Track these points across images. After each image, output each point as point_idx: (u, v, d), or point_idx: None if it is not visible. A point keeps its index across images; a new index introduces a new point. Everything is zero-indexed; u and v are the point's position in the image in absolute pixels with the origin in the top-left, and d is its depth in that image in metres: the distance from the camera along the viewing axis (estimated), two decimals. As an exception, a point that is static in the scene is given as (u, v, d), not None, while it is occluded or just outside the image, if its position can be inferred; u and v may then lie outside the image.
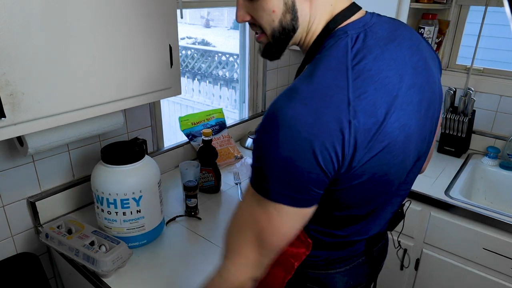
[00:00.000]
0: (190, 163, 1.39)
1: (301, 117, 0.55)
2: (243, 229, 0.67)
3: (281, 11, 0.65)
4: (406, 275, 1.65)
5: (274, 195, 0.60)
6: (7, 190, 1.13)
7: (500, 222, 1.34)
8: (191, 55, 3.88)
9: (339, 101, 0.56)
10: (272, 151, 0.57)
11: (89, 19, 0.87)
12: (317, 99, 0.56)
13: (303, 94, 0.57)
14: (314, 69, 0.59)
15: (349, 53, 0.60)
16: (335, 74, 0.58)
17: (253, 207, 0.64)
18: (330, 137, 0.55)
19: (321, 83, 0.57)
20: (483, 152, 1.85)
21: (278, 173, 0.58)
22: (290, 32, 0.67)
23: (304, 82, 0.58)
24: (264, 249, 0.66)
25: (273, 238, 0.65)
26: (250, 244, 0.66)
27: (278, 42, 0.70)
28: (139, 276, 1.02)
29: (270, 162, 0.58)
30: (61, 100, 0.87)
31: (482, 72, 1.80)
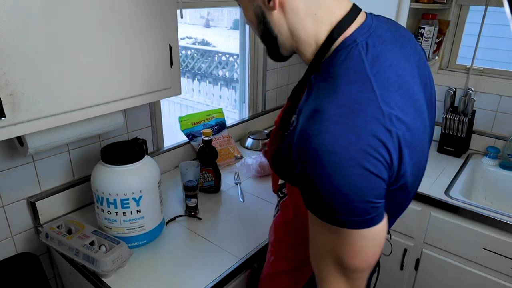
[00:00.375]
0: (190, 163, 1.39)
1: (342, 139, 0.53)
2: (322, 257, 0.64)
3: (256, 22, 0.69)
4: (406, 275, 1.65)
5: (344, 223, 0.57)
6: (7, 190, 1.13)
7: (500, 222, 1.34)
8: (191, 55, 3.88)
9: (374, 113, 0.55)
10: (326, 183, 0.54)
11: (89, 19, 0.87)
12: (352, 116, 0.54)
13: (334, 114, 0.54)
14: (335, 85, 0.57)
15: (365, 63, 0.59)
16: (360, 87, 0.56)
17: (323, 235, 0.62)
18: (376, 148, 0.54)
19: (350, 98, 0.55)
20: (483, 152, 1.85)
21: (341, 202, 0.55)
22: (272, 40, 0.69)
23: (330, 101, 0.56)
24: (351, 273, 0.62)
25: (356, 261, 0.61)
26: (335, 271, 0.63)
27: (268, 47, 0.72)
28: (139, 276, 1.02)
29: (328, 193, 0.55)
30: (61, 100, 0.87)
31: (482, 72, 1.81)
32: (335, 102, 0.55)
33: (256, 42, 1.89)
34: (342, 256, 0.61)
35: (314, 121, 0.55)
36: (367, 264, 0.62)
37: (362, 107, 0.54)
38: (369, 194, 0.55)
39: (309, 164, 0.55)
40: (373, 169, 0.54)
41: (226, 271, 1.04)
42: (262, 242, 1.15)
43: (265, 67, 1.96)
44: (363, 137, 0.53)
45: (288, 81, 2.18)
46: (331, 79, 0.58)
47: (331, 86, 0.57)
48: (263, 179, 1.54)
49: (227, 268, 1.05)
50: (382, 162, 0.55)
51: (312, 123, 0.56)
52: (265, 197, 1.41)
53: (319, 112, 0.55)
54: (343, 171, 0.53)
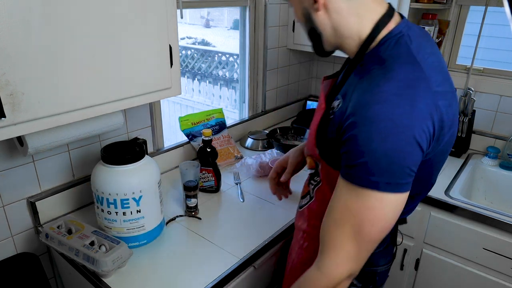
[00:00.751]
0: (190, 163, 1.39)
1: (398, 108, 0.64)
2: (340, 224, 0.71)
3: (304, 21, 0.81)
4: (406, 275, 1.65)
5: (381, 186, 0.66)
6: (7, 190, 1.13)
7: (500, 222, 1.34)
8: (191, 55, 3.88)
9: (425, 89, 0.66)
10: (377, 146, 0.64)
11: (89, 19, 0.87)
12: (408, 90, 0.65)
13: (393, 87, 0.65)
14: (390, 66, 0.68)
15: (412, 50, 0.69)
16: (412, 67, 0.67)
17: (350, 201, 0.69)
18: (425, 120, 0.65)
19: (405, 76, 0.66)
20: (483, 152, 1.85)
21: (385, 164, 0.65)
22: (317, 37, 0.80)
23: (388, 78, 0.66)
24: (363, 242, 0.70)
25: (372, 229, 0.69)
26: (348, 238, 0.70)
27: (313, 43, 0.83)
28: (139, 276, 1.02)
29: (376, 156, 0.64)
30: (61, 100, 0.87)
31: (482, 72, 1.81)
32: (393, 78, 0.66)
33: (256, 42, 1.89)
34: (362, 223, 0.69)
35: (372, 93, 0.66)
36: (379, 236, 0.71)
37: (416, 83, 0.66)
38: (409, 160, 0.65)
39: (364, 129, 0.65)
40: (418, 138, 0.64)
41: (226, 271, 1.04)
42: (262, 242, 1.15)
43: (265, 67, 1.96)
44: (417, 109, 0.64)
45: (288, 81, 2.18)
46: (385, 62, 0.69)
47: (386, 67, 0.68)
48: (263, 179, 1.54)
49: (227, 268, 1.05)
50: (426, 134, 0.65)
51: (370, 95, 0.66)
52: (265, 197, 1.41)
53: (378, 86, 0.66)
54: (394, 137, 0.63)
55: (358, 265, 0.74)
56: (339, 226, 0.71)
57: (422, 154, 0.67)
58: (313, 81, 2.38)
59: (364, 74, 0.72)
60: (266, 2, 1.82)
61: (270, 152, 1.64)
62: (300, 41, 1.98)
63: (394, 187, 0.66)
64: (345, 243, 0.71)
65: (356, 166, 0.67)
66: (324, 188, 0.89)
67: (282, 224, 1.25)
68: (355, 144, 0.67)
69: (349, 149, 0.68)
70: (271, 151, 1.65)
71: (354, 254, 0.71)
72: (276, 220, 1.27)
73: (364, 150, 0.65)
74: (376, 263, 0.91)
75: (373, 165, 0.65)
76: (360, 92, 0.70)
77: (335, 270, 0.73)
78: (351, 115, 0.68)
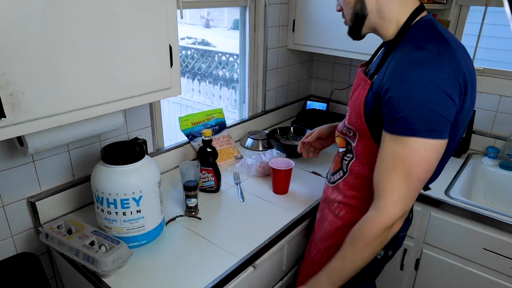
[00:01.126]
0: (190, 163, 1.39)
1: (431, 69, 0.81)
2: (392, 170, 0.86)
3: (354, 2, 0.95)
4: (406, 275, 1.65)
5: (423, 132, 0.81)
6: (7, 190, 1.13)
7: (500, 222, 1.34)
8: (191, 55, 3.88)
9: (451, 57, 0.83)
10: (417, 99, 0.80)
11: (89, 19, 0.87)
12: (438, 57, 0.82)
13: (425, 56, 0.82)
14: (423, 41, 0.85)
15: (440, 30, 0.88)
16: (440, 42, 0.85)
17: (398, 150, 0.85)
18: (452, 80, 0.81)
19: (436, 47, 0.83)
20: (483, 152, 1.85)
21: (424, 115, 0.80)
22: (361, 18, 0.96)
23: (419, 50, 0.84)
24: (412, 182, 0.85)
25: (419, 170, 0.84)
26: (400, 180, 0.85)
27: (355, 25, 0.98)
28: (139, 276, 1.02)
29: (416, 107, 0.80)
30: (61, 100, 0.87)
31: (482, 72, 1.80)
32: (425, 48, 0.83)
33: (256, 42, 1.89)
34: (411, 165, 0.84)
35: (408, 60, 0.83)
36: (426, 175, 0.86)
37: (444, 52, 0.83)
38: (444, 110, 0.81)
39: (404, 87, 0.82)
40: (449, 93, 0.81)
41: (226, 271, 1.04)
42: (262, 242, 1.15)
43: (265, 67, 1.96)
44: (445, 71, 0.81)
45: (288, 81, 2.18)
46: (418, 38, 0.87)
47: (419, 41, 0.85)
48: (263, 179, 1.54)
49: (227, 268, 1.05)
50: (455, 90, 0.82)
51: (406, 61, 0.84)
52: (265, 197, 1.41)
53: (412, 53, 0.84)
54: (430, 91, 0.80)
55: (409, 204, 0.89)
56: (391, 172, 0.86)
57: (455, 107, 0.83)
58: (313, 81, 2.38)
59: (399, 50, 0.88)
60: (266, 2, 1.82)
61: (270, 152, 1.64)
62: (300, 41, 1.98)
63: (434, 134, 0.81)
64: (398, 185, 0.86)
65: (400, 119, 0.82)
66: (356, 163, 1.04)
67: (282, 224, 1.25)
68: (398, 100, 0.82)
69: (392, 105, 0.84)
70: (271, 151, 1.65)
71: (406, 194, 0.86)
72: (276, 220, 1.27)
73: (406, 104, 0.81)
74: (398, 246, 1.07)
75: (414, 116, 0.81)
76: (396, 62, 0.86)
77: (392, 208, 0.87)
78: (390, 79, 0.85)
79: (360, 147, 1.02)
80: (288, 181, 1.44)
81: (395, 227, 0.90)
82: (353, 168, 1.05)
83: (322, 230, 1.16)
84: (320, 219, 1.19)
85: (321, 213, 1.19)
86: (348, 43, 1.85)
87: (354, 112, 1.00)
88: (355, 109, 0.99)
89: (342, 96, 2.27)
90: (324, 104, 2.20)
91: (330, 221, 1.13)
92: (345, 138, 1.09)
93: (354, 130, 1.02)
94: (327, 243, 1.12)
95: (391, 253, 1.12)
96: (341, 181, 1.09)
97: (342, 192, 1.09)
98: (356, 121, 0.99)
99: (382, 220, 0.88)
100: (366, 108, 0.95)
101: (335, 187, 1.12)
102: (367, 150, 1.00)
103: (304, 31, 1.94)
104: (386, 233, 0.90)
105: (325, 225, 1.14)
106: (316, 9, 1.85)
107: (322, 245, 1.15)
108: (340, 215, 1.09)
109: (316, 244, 1.18)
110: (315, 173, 1.61)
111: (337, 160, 1.13)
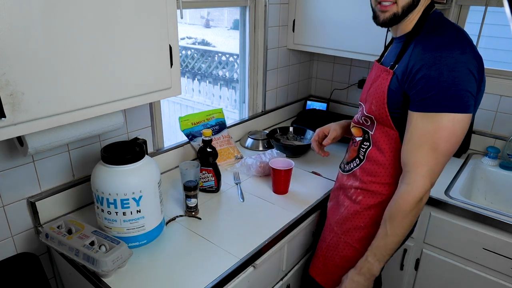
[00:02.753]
0: (190, 163, 1.39)
1: (455, 50, 0.90)
2: (420, 146, 0.94)
3: None
4: (406, 275, 1.65)
5: (452, 108, 0.89)
6: (7, 190, 1.13)
7: (500, 222, 1.34)
8: (191, 55, 3.88)
9: (469, 42, 0.94)
10: (446, 77, 0.89)
11: (89, 19, 0.87)
12: (458, 40, 0.93)
13: (448, 39, 0.92)
14: (440, 28, 0.96)
15: (452, 21, 0.99)
16: (457, 29, 0.96)
17: (426, 127, 0.93)
18: (472, 60, 0.91)
19: (454, 33, 0.94)
20: (483, 152, 1.85)
21: (453, 91, 0.89)
22: (413, 8, 1.00)
23: (442, 35, 0.94)
24: (440, 156, 0.94)
25: (447, 144, 0.92)
26: (428, 155, 0.94)
27: (404, 13, 1.01)
28: (139, 276, 1.02)
29: (445, 84, 0.89)
30: (61, 100, 0.87)
31: (482, 72, 1.80)
32: (446, 33, 0.94)
33: (256, 42, 1.89)
34: (438, 141, 0.92)
35: (433, 44, 0.93)
36: (453, 149, 0.94)
37: (463, 38, 0.94)
38: (469, 86, 0.90)
39: (434, 67, 0.90)
40: (472, 70, 0.90)
41: (226, 271, 1.04)
42: (262, 242, 1.15)
43: (265, 67, 1.96)
44: (467, 51, 0.91)
45: (288, 81, 2.18)
46: (436, 26, 0.98)
47: (439, 29, 0.96)
48: (263, 179, 1.54)
49: (227, 268, 1.05)
50: (475, 69, 0.91)
51: (432, 46, 0.92)
52: (265, 197, 1.41)
53: (435, 38, 0.94)
54: (457, 69, 0.89)
55: (436, 176, 0.97)
56: (420, 148, 0.94)
57: (476, 83, 0.91)
58: (313, 81, 2.38)
59: (420, 39, 0.97)
60: (266, 2, 1.82)
61: (270, 152, 1.64)
62: (300, 41, 1.98)
63: (462, 108, 0.89)
64: (426, 160, 0.94)
65: (432, 96, 0.90)
66: (373, 150, 1.12)
67: (282, 224, 1.25)
68: (428, 80, 0.91)
69: (422, 85, 0.91)
70: (271, 151, 1.65)
71: (434, 168, 0.95)
72: (276, 220, 1.27)
73: (436, 83, 0.89)
74: None
75: (444, 93, 0.89)
76: (421, 47, 0.94)
77: (422, 181, 0.95)
78: (419, 62, 0.93)
79: (378, 135, 1.10)
80: (288, 181, 1.44)
81: (424, 198, 0.98)
82: (370, 155, 1.13)
83: (338, 215, 1.22)
84: (334, 206, 1.27)
85: (335, 200, 1.27)
86: (348, 43, 1.86)
87: (375, 100, 1.06)
88: (377, 97, 1.05)
89: (342, 96, 2.27)
90: (324, 104, 2.20)
91: (346, 206, 1.20)
92: (362, 128, 1.16)
93: (373, 119, 1.09)
94: (345, 227, 1.19)
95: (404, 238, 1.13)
96: (357, 168, 1.17)
97: (359, 178, 1.16)
98: (378, 108, 1.06)
99: (414, 193, 0.97)
100: (390, 96, 1.02)
101: (351, 175, 1.20)
102: (386, 137, 1.08)
103: (304, 31, 1.94)
104: (419, 204, 0.99)
105: (342, 210, 1.21)
106: (316, 9, 1.85)
107: (338, 229, 1.21)
108: (358, 200, 1.16)
109: (332, 229, 1.24)
110: (315, 173, 1.61)
111: (354, 149, 1.20)
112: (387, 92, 1.03)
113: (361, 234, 1.16)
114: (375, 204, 1.13)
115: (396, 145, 1.06)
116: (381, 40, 1.27)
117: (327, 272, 1.25)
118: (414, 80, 0.94)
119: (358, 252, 1.16)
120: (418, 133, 0.94)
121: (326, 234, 1.27)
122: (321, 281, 1.27)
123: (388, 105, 1.03)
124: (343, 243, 1.19)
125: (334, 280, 1.23)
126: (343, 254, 1.20)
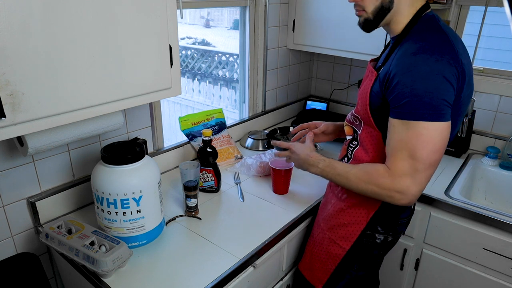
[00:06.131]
0: (190, 163, 1.39)
1: (432, 58, 0.88)
2: (399, 151, 0.93)
3: None
4: (406, 275, 1.65)
5: (426, 116, 0.88)
6: (7, 190, 1.13)
7: (500, 222, 1.34)
8: (191, 55, 3.88)
9: (451, 49, 0.91)
10: (420, 85, 0.87)
11: (89, 19, 0.87)
12: (438, 47, 0.90)
13: (426, 46, 0.90)
14: (426, 34, 0.94)
15: (441, 25, 0.96)
16: (441, 35, 0.93)
17: (403, 133, 0.91)
18: (451, 67, 0.88)
19: (437, 39, 0.92)
20: (483, 152, 1.85)
21: (427, 99, 0.87)
22: (386, 11, 0.99)
23: (423, 39, 0.92)
24: (419, 163, 0.91)
25: (424, 152, 0.90)
26: (406, 159, 0.92)
27: (376, 17, 1.00)
28: (139, 276, 1.02)
29: (419, 92, 0.87)
30: (61, 100, 0.87)
31: (482, 72, 1.80)
32: (426, 39, 0.92)
33: (256, 42, 1.89)
34: (415, 147, 0.90)
35: (410, 50, 0.91)
36: (433, 157, 0.91)
37: (445, 44, 0.91)
38: (445, 95, 0.88)
39: (408, 74, 0.89)
40: (449, 79, 0.88)
41: (226, 271, 1.04)
42: (262, 242, 1.15)
43: (265, 67, 1.96)
44: (445, 59, 0.88)
45: (288, 81, 2.18)
46: (423, 32, 0.95)
47: (421, 33, 0.94)
48: (263, 179, 1.54)
49: (227, 268, 1.05)
50: (454, 77, 0.89)
51: (409, 51, 0.91)
52: (265, 197, 1.41)
53: (415, 44, 0.92)
54: (431, 77, 0.87)
55: (416, 185, 0.93)
56: (398, 152, 0.93)
57: (454, 92, 0.90)
58: (313, 81, 2.38)
59: (405, 42, 0.95)
60: (266, 2, 1.82)
61: (270, 152, 1.64)
62: (300, 41, 1.98)
63: (436, 117, 0.88)
64: (407, 166, 0.92)
65: (405, 104, 0.89)
66: (360, 149, 1.12)
67: (282, 224, 1.25)
68: (402, 87, 0.89)
69: (397, 92, 0.90)
70: (271, 151, 1.65)
71: (414, 169, 0.91)
72: (276, 220, 1.27)
73: (410, 90, 0.88)
74: (398, 216, 1.12)
75: (418, 101, 0.87)
76: (402, 52, 0.93)
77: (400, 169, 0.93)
78: (395, 67, 0.92)
79: (364, 135, 1.10)
80: (288, 181, 1.44)
81: (399, 197, 0.95)
82: (356, 155, 1.13)
83: (325, 212, 1.24)
84: (324, 202, 1.29)
85: (326, 197, 1.29)
86: (348, 43, 1.86)
87: (361, 101, 1.07)
88: (362, 98, 1.06)
89: (342, 96, 2.27)
90: (324, 104, 2.20)
91: (333, 204, 1.21)
92: (352, 126, 1.17)
93: (360, 119, 1.10)
94: (330, 223, 1.20)
95: (391, 238, 1.16)
96: None
97: None
98: (362, 109, 1.07)
99: (389, 182, 0.95)
100: (372, 97, 1.02)
101: None
102: (370, 137, 1.08)
103: (304, 31, 1.94)
104: (392, 195, 0.96)
105: (329, 207, 1.23)
106: (316, 9, 1.85)
107: (324, 226, 1.23)
108: (343, 198, 1.17)
109: (319, 225, 1.26)
110: (315, 173, 1.60)
111: (344, 147, 1.22)
112: (369, 93, 1.03)
113: (345, 232, 1.16)
114: (358, 202, 1.13)
115: (380, 145, 1.05)
116: (381, 40, 1.27)
117: (313, 268, 1.26)
118: (391, 85, 0.93)
119: (341, 249, 1.17)
120: (396, 139, 0.94)
121: (314, 230, 1.28)
122: (307, 276, 1.28)
123: (370, 107, 1.03)
124: (327, 239, 1.20)
125: (319, 276, 1.24)
126: (327, 250, 1.21)
